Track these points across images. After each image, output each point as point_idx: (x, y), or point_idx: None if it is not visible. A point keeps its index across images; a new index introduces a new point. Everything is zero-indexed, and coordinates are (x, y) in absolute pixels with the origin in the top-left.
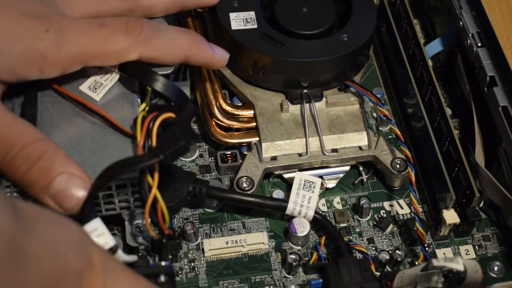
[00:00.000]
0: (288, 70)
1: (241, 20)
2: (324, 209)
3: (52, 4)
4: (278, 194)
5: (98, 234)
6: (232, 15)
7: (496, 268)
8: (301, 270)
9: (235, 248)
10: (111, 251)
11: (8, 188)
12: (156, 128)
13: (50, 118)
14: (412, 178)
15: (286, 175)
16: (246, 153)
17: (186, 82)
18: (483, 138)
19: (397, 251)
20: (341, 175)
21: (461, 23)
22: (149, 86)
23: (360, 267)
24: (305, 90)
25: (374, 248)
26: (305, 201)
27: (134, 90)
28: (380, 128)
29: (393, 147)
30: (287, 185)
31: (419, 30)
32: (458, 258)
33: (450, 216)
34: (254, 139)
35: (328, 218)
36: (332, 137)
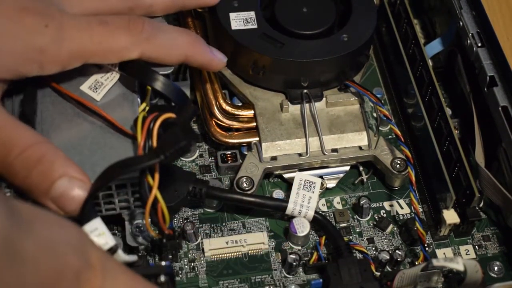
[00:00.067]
0: (288, 70)
1: (241, 20)
2: (324, 209)
3: (52, 1)
4: (278, 194)
5: (98, 234)
6: (232, 15)
7: (496, 268)
8: (301, 270)
9: (235, 248)
10: (111, 251)
11: (8, 188)
12: (156, 128)
13: (50, 118)
14: (412, 178)
15: (286, 175)
16: (246, 153)
17: (186, 82)
18: (483, 138)
19: (397, 251)
20: (341, 175)
21: (461, 23)
22: (149, 86)
23: (360, 267)
24: (305, 90)
25: (374, 248)
26: (305, 201)
27: (134, 90)
28: (380, 128)
29: (393, 147)
30: (287, 185)
31: (419, 30)
32: (458, 258)
33: (450, 216)
34: (254, 139)
35: (328, 218)
36: (332, 137)
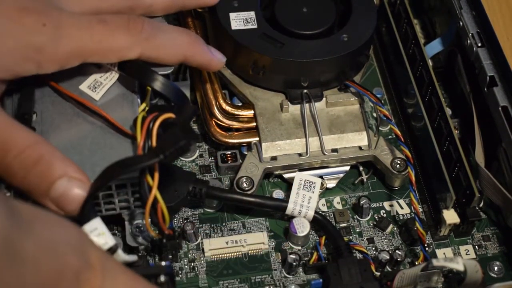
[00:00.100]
0: (288, 70)
1: (241, 20)
2: (324, 209)
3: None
4: (278, 194)
5: (98, 233)
6: (232, 15)
7: (496, 268)
8: (301, 270)
9: (235, 248)
10: (111, 251)
11: (7, 189)
12: (156, 128)
13: (50, 118)
14: (412, 178)
15: (286, 175)
16: (246, 153)
17: (186, 82)
18: (483, 138)
19: (397, 251)
20: (341, 175)
21: (461, 23)
22: (148, 86)
23: (360, 267)
24: (305, 90)
25: (374, 248)
26: (305, 201)
27: (134, 90)
28: (380, 128)
29: (393, 147)
30: (287, 185)
31: (419, 30)
32: (458, 258)
33: (450, 216)
34: (254, 139)
35: (328, 218)
36: (332, 137)
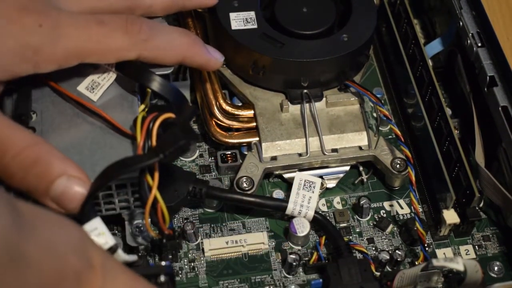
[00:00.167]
0: (288, 70)
1: (241, 20)
2: (324, 209)
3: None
4: (278, 194)
5: (98, 233)
6: (232, 15)
7: (496, 268)
8: (301, 270)
9: (235, 248)
10: (111, 251)
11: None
12: (156, 128)
13: (50, 118)
14: (412, 178)
15: (286, 175)
16: (246, 153)
17: (186, 82)
18: (483, 138)
19: (397, 251)
20: (341, 175)
21: (461, 23)
22: (145, 86)
23: (360, 267)
24: (305, 90)
25: (374, 248)
26: (305, 201)
27: (135, 90)
28: (380, 128)
29: (393, 147)
30: (287, 185)
31: (419, 30)
32: (458, 258)
33: (450, 216)
34: (254, 139)
35: (328, 218)
36: (332, 137)
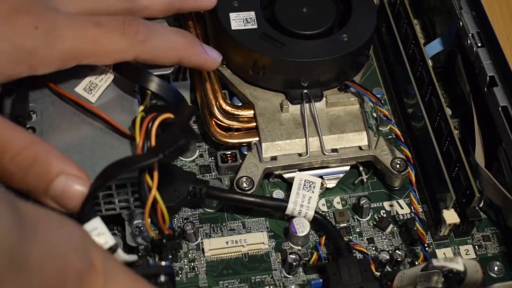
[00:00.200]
0: (288, 70)
1: (241, 20)
2: (324, 209)
3: (46, 0)
4: (278, 194)
5: (98, 233)
6: (232, 15)
7: (496, 268)
8: (301, 270)
9: (235, 248)
10: (111, 250)
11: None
12: (155, 128)
13: (50, 118)
14: (412, 178)
15: (286, 175)
16: (246, 153)
17: (186, 82)
18: (483, 138)
19: (397, 251)
20: (341, 175)
21: (461, 23)
22: (143, 87)
23: (360, 267)
24: (305, 90)
25: (374, 248)
26: (305, 201)
27: (135, 91)
28: (380, 128)
29: (393, 147)
30: (287, 185)
31: (419, 30)
32: (458, 258)
33: (450, 216)
34: (254, 139)
35: (328, 218)
36: (332, 137)
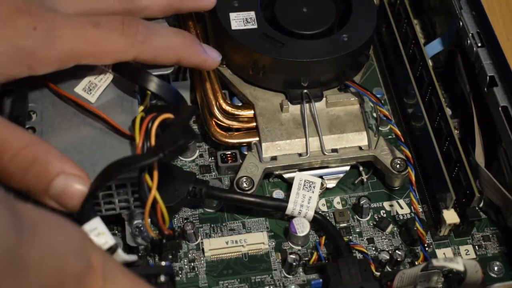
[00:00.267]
0: (288, 70)
1: (241, 20)
2: (324, 209)
3: (45, 1)
4: (278, 194)
5: (97, 233)
6: (232, 15)
7: (496, 268)
8: (301, 270)
9: (235, 248)
10: (111, 250)
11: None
12: (155, 128)
13: (50, 118)
14: (412, 178)
15: (286, 175)
16: (246, 153)
17: (186, 82)
18: (483, 138)
19: (397, 251)
20: (341, 175)
21: (461, 23)
22: (142, 87)
23: (360, 267)
24: (305, 90)
25: (374, 248)
26: (305, 201)
27: (135, 91)
28: (380, 128)
29: (393, 147)
30: (287, 185)
31: (419, 30)
32: (458, 258)
33: (450, 216)
34: (254, 139)
35: (328, 218)
36: (332, 137)
